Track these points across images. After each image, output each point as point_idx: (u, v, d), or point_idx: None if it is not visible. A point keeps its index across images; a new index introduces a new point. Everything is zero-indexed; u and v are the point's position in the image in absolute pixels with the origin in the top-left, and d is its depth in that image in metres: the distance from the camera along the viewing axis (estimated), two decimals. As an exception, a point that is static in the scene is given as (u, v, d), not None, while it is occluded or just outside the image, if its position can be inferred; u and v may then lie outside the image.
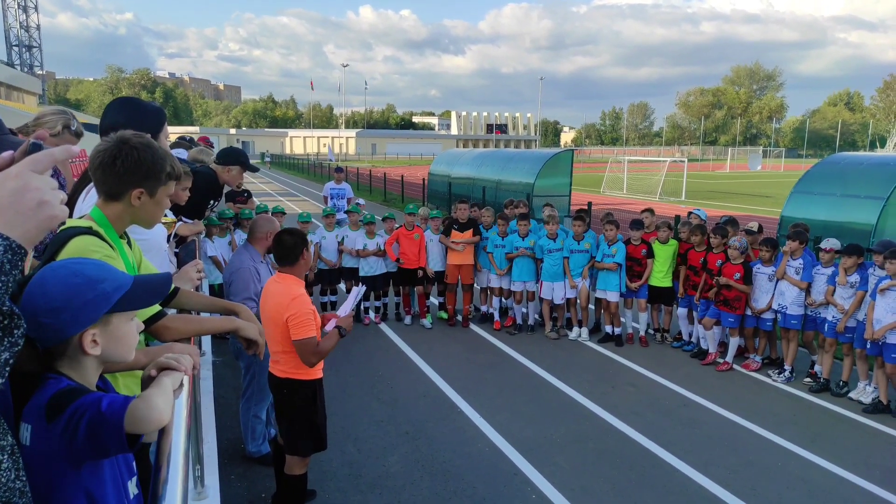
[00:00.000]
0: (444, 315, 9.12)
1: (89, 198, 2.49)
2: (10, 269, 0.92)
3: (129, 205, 2.05)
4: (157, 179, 2.04)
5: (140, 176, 2.02)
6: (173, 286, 2.31)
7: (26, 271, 2.03)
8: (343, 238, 8.90)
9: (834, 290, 6.62)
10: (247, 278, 4.67)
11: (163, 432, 1.48)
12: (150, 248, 2.47)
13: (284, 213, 8.58)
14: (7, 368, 0.94)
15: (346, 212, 9.86)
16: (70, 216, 2.68)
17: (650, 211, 8.90)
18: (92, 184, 2.54)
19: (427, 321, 8.83)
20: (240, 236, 7.98)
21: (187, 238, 4.30)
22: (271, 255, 5.13)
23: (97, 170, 2.02)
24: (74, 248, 1.90)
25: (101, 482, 1.42)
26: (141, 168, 2.02)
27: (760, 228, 8.14)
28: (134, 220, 2.11)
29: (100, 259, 1.84)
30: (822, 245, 6.89)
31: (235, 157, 4.67)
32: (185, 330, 2.21)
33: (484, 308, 9.25)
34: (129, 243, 2.20)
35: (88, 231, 1.97)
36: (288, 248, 3.85)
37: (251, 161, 4.99)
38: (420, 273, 8.55)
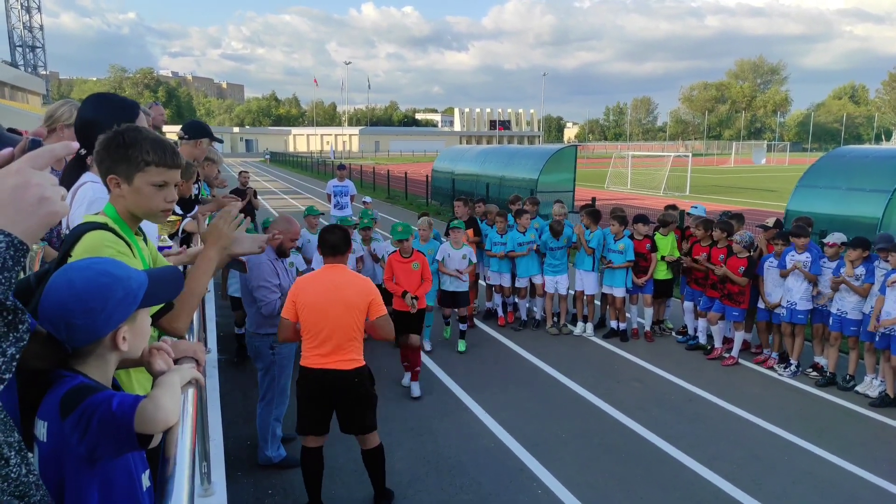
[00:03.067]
0: (447, 335, 8.25)
1: (74, 203, 2.44)
2: (12, 265, 0.93)
3: (116, 196, 2.01)
4: (128, 164, 1.95)
5: (108, 162, 1.97)
6: None
7: (36, 267, 2.03)
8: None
9: (841, 280, 6.56)
10: (268, 271, 4.75)
11: (169, 429, 1.49)
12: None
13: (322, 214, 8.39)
14: (14, 364, 0.94)
15: (360, 228, 8.01)
16: None
17: (673, 207, 8.97)
18: (72, 189, 2.50)
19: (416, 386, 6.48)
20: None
21: (193, 234, 4.31)
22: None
23: None
24: (88, 243, 1.87)
25: (115, 476, 1.44)
26: (107, 154, 1.96)
27: (778, 223, 8.10)
28: (131, 211, 2.04)
29: (113, 254, 1.84)
30: (826, 240, 6.85)
31: (203, 129, 4.59)
32: (182, 306, 2.07)
33: (488, 304, 9.25)
34: (144, 240, 2.17)
35: (103, 227, 1.94)
36: (339, 239, 4.16)
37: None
38: (413, 305, 6.15)
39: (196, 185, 4.72)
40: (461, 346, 7.79)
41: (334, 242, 4.14)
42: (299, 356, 4.22)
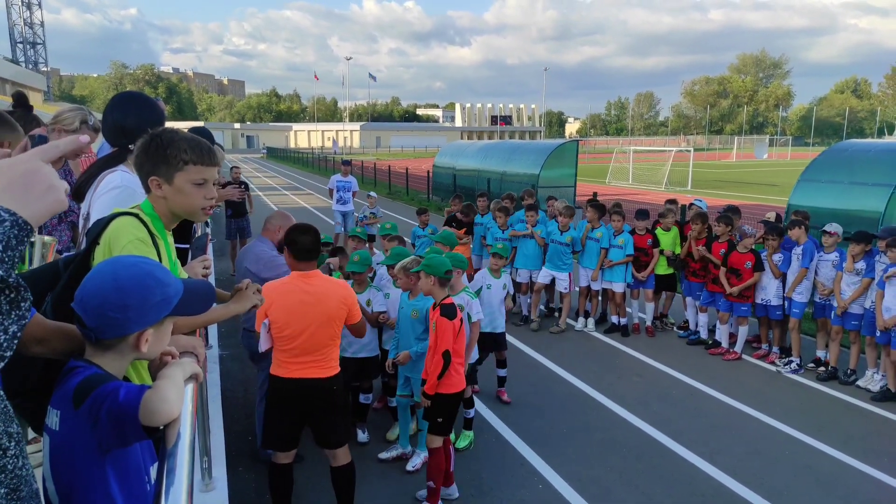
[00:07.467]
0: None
1: (100, 188, 2.50)
2: (16, 244, 0.96)
3: (156, 196, 2.06)
4: (168, 164, 2.00)
5: (148, 165, 2.03)
6: None
7: (50, 257, 2.05)
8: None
9: (841, 277, 6.57)
10: (281, 263, 4.48)
11: (169, 423, 1.50)
12: None
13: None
14: (15, 341, 0.96)
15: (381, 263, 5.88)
16: (79, 204, 2.71)
17: (674, 202, 8.96)
18: (100, 176, 2.55)
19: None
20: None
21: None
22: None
23: None
24: (117, 226, 1.93)
25: (125, 467, 1.46)
26: (146, 157, 2.02)
27: (779, 218, 8.11)
28: (172, 211, 2.09)
29: (132, 240, 1.91)
30: (826, 228, 6.84)
31: (208, 138, 4.41)
32: (183, 325, 2.11)
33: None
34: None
35: (132, 215, 2.00)
36: (313, 242, 3.79)
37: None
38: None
39: None
40: (463, 439, 5.23)
41: (309, 246, 3.75)
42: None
